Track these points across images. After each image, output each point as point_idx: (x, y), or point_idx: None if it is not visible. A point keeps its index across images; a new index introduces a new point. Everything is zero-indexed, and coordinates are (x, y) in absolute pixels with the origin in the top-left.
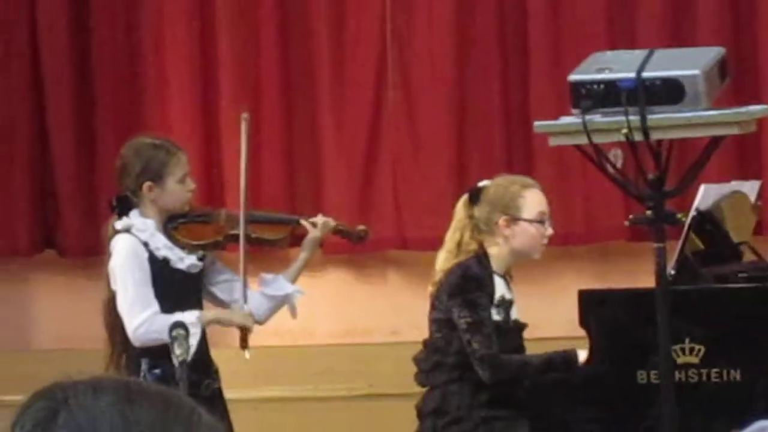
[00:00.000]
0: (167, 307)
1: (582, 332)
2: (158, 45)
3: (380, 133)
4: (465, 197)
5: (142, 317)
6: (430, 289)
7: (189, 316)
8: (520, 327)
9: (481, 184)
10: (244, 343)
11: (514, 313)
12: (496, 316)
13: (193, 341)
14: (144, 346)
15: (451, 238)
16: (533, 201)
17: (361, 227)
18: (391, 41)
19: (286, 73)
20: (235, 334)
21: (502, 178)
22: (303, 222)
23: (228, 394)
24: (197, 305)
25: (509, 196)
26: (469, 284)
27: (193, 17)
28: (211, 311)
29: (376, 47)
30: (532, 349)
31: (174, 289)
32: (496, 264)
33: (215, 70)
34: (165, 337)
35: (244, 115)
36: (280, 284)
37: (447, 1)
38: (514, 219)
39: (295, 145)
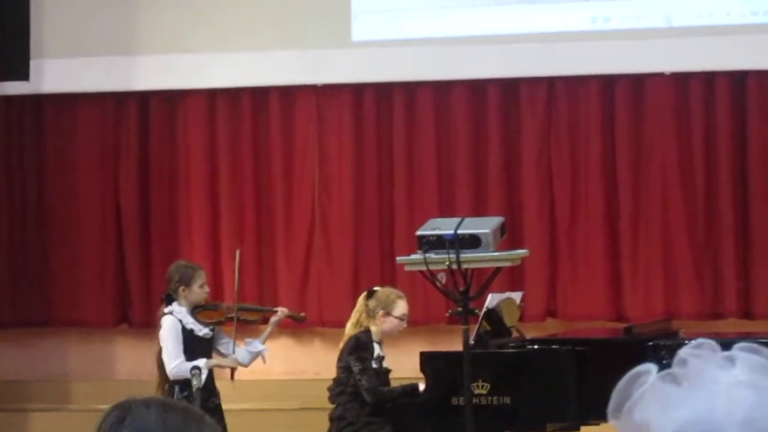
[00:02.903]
0: (190, 357)
1: (421, 374)
2: (188, 212)
3: (311, 262)
4: (364, 293)
5: (175, 363)
6: (341, 346)
7: (201, 362)
8: (387, 371)
9: (374, 288)
10: (232, 378)
11: (384, 363)
12: (374, 365)
13: (203, 376)
14: (175, 380)
15: (353, 316)
16: (401, 306)
17: (302, 314)
18: (317, 208)
19: (259, 224)
20: (227, 372)
21: (387, 288)
22: (274, 309)
23: (224, 405)
24: (208, 356)
25: (389, 300)
26: (361, 347)
27: (207, 197)
28: (214, 359)
29: (308, 211)
30: (394, 383)
31: (195, 347)
32: (375, 336)
33: (218, 225)
34: (188, 375)
35: (238, 251)
36: (256, 345)
37: (348, 185)
38: (388, 314)
39: (263, 267)
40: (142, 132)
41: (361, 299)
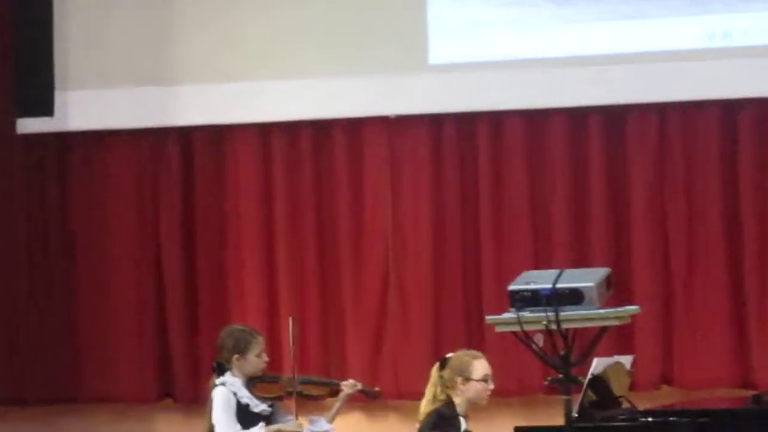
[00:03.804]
0: None
1: None
2: (239, 267)
3: (384, 324)
4: (437, 364)
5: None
6: (417, 425)
7: (259, 427)
8: None
9: (447, 355)
10: None
11: None
12: None
13: None
14: None
15: (428, 390)
16: (480, 367)
17: (377, 388)
18: (392, 266)
19: (323, 286)
20: None
21: (460, 351)
22: (343, 383)
23: None
24: None
25: (464, 364)
26: (444, 422)
27: (261, 249)
28: (274, 426)
29: (381, 271)
30: None
31: (251, 425)
32: (459, 408)
33: (276, 286)
34: None
35: (291, 319)
36: (321, 424)
37: (427, 243)
38: (467, 379)
39: (328, 334)
40: (184, 174)
41: (434, 371)
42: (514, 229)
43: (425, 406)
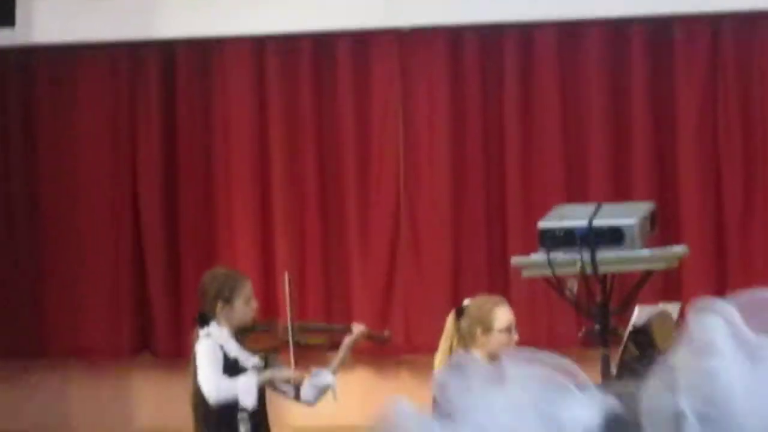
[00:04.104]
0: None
1: None
2: (228, 206)
3: (395, 265)
4: (452, 313)
5: (215, 381)
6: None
7: (249, 375)
8: None
9: (464, 303)
10: (297, 397)
11: None
12: None
13: (253, 399)
14: (218, 405)
15: (443, 343)
16: (502, 315)
17: (387, 332)
18: (403, 201)
19: (324, 221)
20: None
21: (479, 297)
22: (349, 326)
23: None
24: (260, 393)
25: (484, 312)
26: None
27: (255, 186)
28: (267, 372)
29: (391, 205)
30: None
31: None
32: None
33: (271, 224)
34: (232, 398)
35: (286, 274)
36: (323, 376)
37: (445, 172)
38: (488, 329)
39: (330, 275)
40: (165, 97)
41: (449, 321)
42: (545, 157)
43: (440, 360)
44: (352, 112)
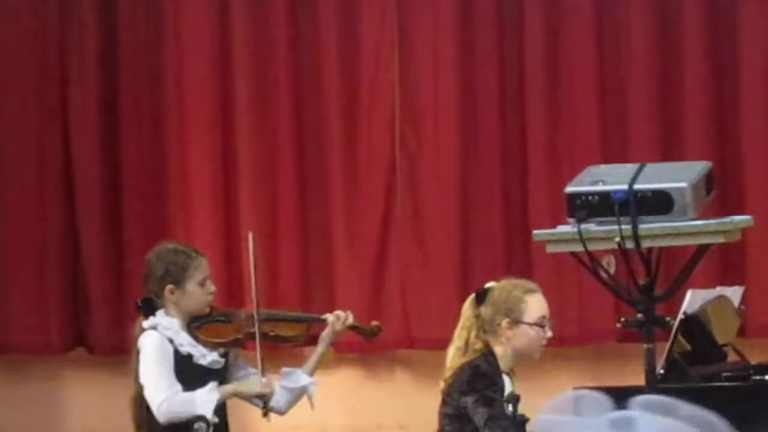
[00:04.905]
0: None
1: None
2: (182, 161)
3: (389, 239)
4: (472, 297)
5: (165, 394)
6: (441, 384)
7: (209, 389)
8: (524, 421)
9: (487, 285)
10: (265, 412)
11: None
12: (507, 409)
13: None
14: (168, 422)
15: (458, 336)
16: (535, 306)
17: (375, 323)
18: (399, 158)
19: (301, 183)
20: (256, 411)
21: (506, 281)
22: (324, 317)
23: None
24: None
25: (513, 300)
26: (482, 381)
27: (215, 134)
28: (231, 384)
29: (385, 162)
30: None
31: (197, 383)
32: (501, 362)
33: (235, 184)
34: (186, 414)
35: (250, 234)
36: (298, 377)
37: (452, 122)
38: (516, 322)
39: (309, 251)
40: (104, 34)
41: (467, 308)
42: (575, 106)
43: (453, 357)
44: (335, 49)
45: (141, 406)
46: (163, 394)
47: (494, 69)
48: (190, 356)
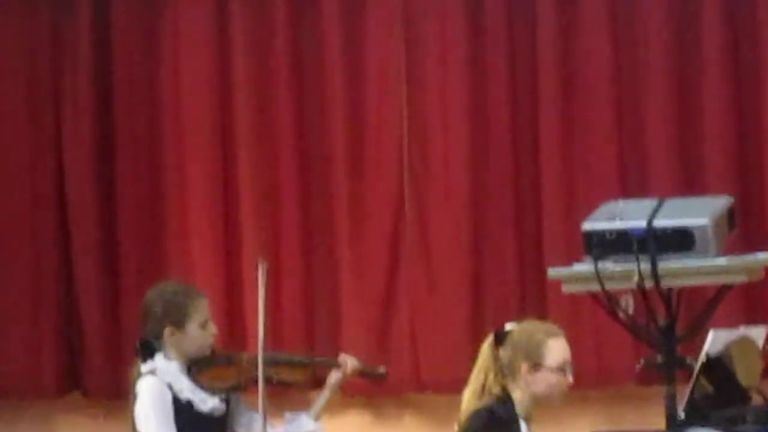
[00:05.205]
0: None
1: None
2: (180, 190)
3: (398, 275)
4: (491, 338)
5: None
6: (455, 429)
7: None
8: None
9: (507, 326)
10: None
11: None
12: None
13: None
14: None
15: (475, 378)
16: (557, 350)
17: (381, 367)
18: (408, 184)
19: (305, 215)
20: None
21: (527, 323)
22: (336, 360)
23: None
24: None
25: (534, 343)
26: (497, 427)
27: (215, 162)
28: None
29: (394, 197)
30: None
31: (197, 429)
32: (519, 408)
33: (236, 216)
34: None
35: (262, 261)
36: (303, 423)
37: (462, 148)
38: (536, 366)
39: (314, 288)
40: (98, 49)
41: (486, 349)
42: (591, 131)
43: (469, 401)
44: (340, 64)
45: None
46: None
47: (504, 92)
48: (190, 404)
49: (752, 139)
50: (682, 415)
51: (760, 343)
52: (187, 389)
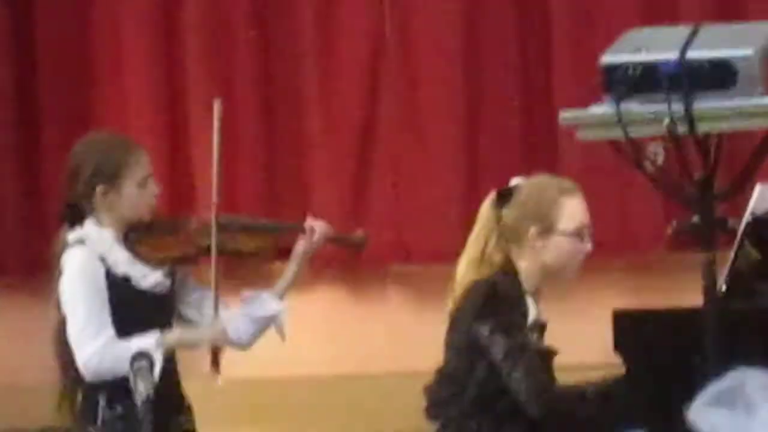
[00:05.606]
0: (128, 331)
1: (615, 359)
2: (112, 20)
3: (377, 116)
4: (492, 196)
5: (95, 345)
6: (450, 306)
7: (151, 340)
8: (551, 354)
9: (513, 182)
10: (215, 366)
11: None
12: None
13: (158, 369)
14: (98, 380)
15: (473, 244)
16: (572, 211)
17: (359, 233)
18: (390, 24)
19: (264, 42)
20: (206, 360)
21: (539, 178)
22: (303, 225)
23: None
24: (164, 326)
25: (545, 203)
26: (501, 305)
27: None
28: (175, 331)
29: (369, 27)
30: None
31: (137, 312)
32: (525, 281)
33: (181, 52)
34: (122, 370)
35: (217, 101)
36: (264, 302)
37: None
38: (547, 230)
39: (276, 140)
40: None
41: (486, 207)
42: None
43: (466, 271)
44: None
45: (64, 339)
46: (91, 344)
47: None
48: (126, 279)
49: None
50: (723, 287)
51: None
52: (124, 262)
